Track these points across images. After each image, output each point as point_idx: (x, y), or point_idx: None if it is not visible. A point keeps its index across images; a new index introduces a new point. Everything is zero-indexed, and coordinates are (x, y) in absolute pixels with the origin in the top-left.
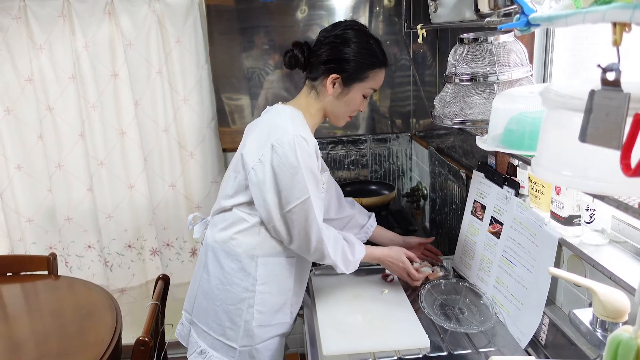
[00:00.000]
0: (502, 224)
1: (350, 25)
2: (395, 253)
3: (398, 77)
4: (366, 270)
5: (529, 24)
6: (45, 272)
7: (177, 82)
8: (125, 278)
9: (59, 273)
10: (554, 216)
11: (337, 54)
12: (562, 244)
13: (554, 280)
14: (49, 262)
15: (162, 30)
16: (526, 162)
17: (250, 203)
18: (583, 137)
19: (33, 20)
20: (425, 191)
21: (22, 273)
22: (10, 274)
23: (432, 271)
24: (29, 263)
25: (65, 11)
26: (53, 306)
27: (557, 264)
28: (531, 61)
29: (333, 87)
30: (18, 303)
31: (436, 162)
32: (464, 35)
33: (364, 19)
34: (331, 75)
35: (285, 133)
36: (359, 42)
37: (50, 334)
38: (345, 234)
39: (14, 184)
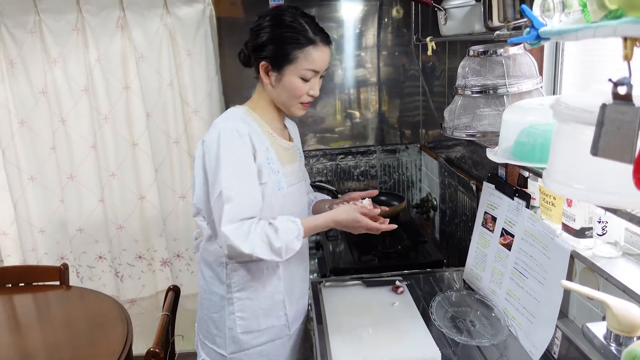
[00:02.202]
0: (513, 236)
1: (273, 9)
2: (346, 214)
3: (407, 87)
4: (376, 282)
5: (539, 38)
6: (57, 283)
7: (187, 94)
8: (135, 289)
9: (70, 283)
10: (566, 228)
11: (259, 40)
12: (574, 256)
13: (567, 293)
14: (61, 273)
15: (173, 43)
16: (537, 174)
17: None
18: (595, 150)
19: (47, 34)
20: (434, 202)
21: (34, 283)
22: (23, 284)
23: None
24: (41, 273)
25: (79, 25)
26: (64, 317)
27: (569, 277)
28: (541, 73)
29: (267, 75)
30: (30, 313)
31: (446, 173)
32: (473, 48)
33: (372, 30)
34: (261, 64)
35: (214, 128)
36: (278, 24)
37: (61, 344)
38: (278, 219)
39: (27, 195)
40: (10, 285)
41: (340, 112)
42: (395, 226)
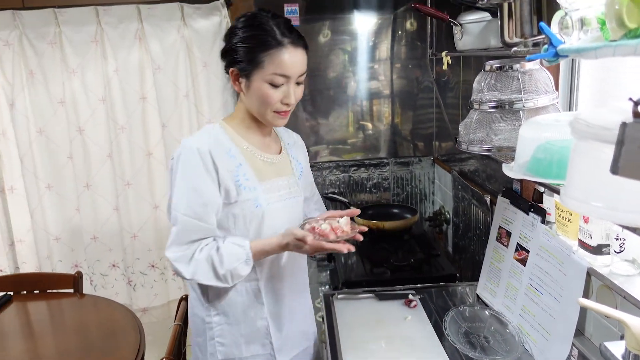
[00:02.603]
0: (528, 251)
1: (246, 13)
2: (288, 237)
3: (420, 99)
4: (389, 295)
5: (557, 55)
6: (71, 290)
7: (203, 105)
8: (147, 297)
9: (84, 291)
10: (582, 245)
11: (227, 45)
12: (591, 273)
13: (583, 310)
14: (75, 281)
15: (189, 55)
16: (554, 190)
17: None
18: (615, 169)
19: (67, 45)
20: (447, 215)
21: (48, 291)
22: (38, 291)
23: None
24: (56, 281)
25: (98, 36)
26: (78, 324)
27: (585, 294)
28: (557, 88)
29: (238, 82)
30: (44, 320)
31: (459, 187)
32: (489, 63)
33: (386, 43)
34: (230, 70)
35: (179, 146)
36: (246, 27)
37: (74, 352)
38: (227, 241)
39: (43, 203)
40: (25, 292)
41: (352, 124)
42: (352, 248)
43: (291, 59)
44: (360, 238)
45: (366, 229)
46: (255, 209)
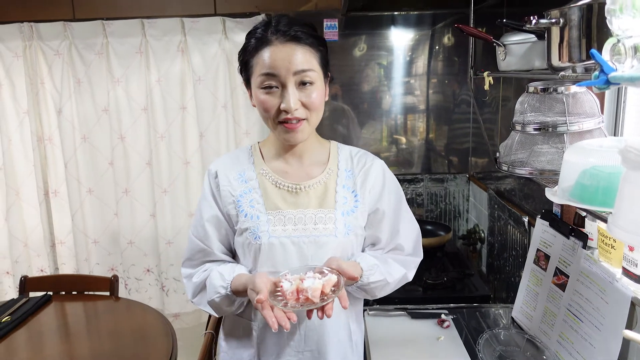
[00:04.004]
0: (567, 276)
1: None
2: (251, 282)
3: (456, 115)
4: (421, 314)
5: (608, 83)
6: (107, 293)
7: (240, 116)
8: (179, 303)
9: (119, 294)
10: (627, 273)
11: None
12: (635, 303)
13: (626, 341)
14: (111, 284)
15: (229, 67)
16: (597, 216)
17: None
18: None
19: (113, 55)
20: (482, 234)
21: (85, 292)
22: (75, 292)
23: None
24: (93, 283)
25: (142, 48)
26: (112, 328)
27: (629, 325)
28: (602, 111)
29: (251, 96)
30: (80, 322)
31: (495, 206)
32: (532, 84)
33: (423, 58)
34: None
35: None
36: (247, 35)
37: (107, 355)
38: (217, 269)
39: (84, 207)
40: (64, 292)
41: (386, 138)
42: (286, 327)
43: (274, 55)
44: (330, 313)
45: (346, 301)
46: (254, 240)
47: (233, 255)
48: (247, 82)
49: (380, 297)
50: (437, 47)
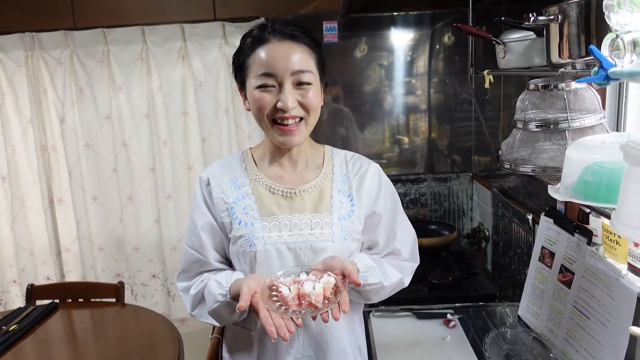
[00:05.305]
0: (573, 273)
1: None
2: (240, 285)
3: (458, 114)
4: (427, 314)
5: (608, 78)
6: (113, 300)
7: (242, 120)
8: (185, 308)
9: (125, 300)
10: (632, 269)
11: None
12: None
13: (633, 337)
14: (117, 290)
15: (230, 71)
16: (601, 212)
17: None
18: None
19: (114, 63)
20: (487, 233)
21: (92, 299)
22: (82, 299)
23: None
24: (99, 290)
25: (143, 55)
26: (119, 334)
27: (635, 321)
28: (604, 107)
29: (244, 100)
30: (87, 329)
31: (499, 204)
32: (533, 82)
33: (424, 58)
34: (238, 88)
35: None
36: (242, 37)
37: None
38: (214, 277)
39: (89, 214)
40: (70, 300)
41: (389, 139)
42: (285, 338)
43: (272, 53)
44: (337, 316)
45: (347, 306)
46: (249, 248)
47: (229, 263)
48: (242, 85)
49: (375, 302)
50: (437, 47)
